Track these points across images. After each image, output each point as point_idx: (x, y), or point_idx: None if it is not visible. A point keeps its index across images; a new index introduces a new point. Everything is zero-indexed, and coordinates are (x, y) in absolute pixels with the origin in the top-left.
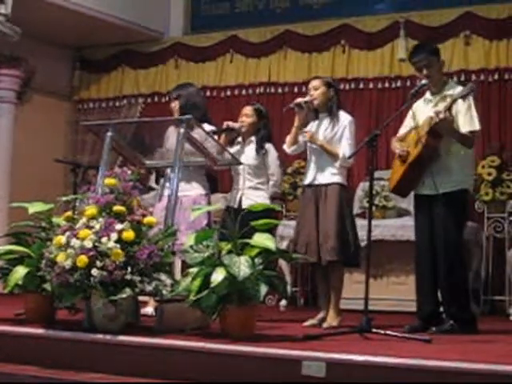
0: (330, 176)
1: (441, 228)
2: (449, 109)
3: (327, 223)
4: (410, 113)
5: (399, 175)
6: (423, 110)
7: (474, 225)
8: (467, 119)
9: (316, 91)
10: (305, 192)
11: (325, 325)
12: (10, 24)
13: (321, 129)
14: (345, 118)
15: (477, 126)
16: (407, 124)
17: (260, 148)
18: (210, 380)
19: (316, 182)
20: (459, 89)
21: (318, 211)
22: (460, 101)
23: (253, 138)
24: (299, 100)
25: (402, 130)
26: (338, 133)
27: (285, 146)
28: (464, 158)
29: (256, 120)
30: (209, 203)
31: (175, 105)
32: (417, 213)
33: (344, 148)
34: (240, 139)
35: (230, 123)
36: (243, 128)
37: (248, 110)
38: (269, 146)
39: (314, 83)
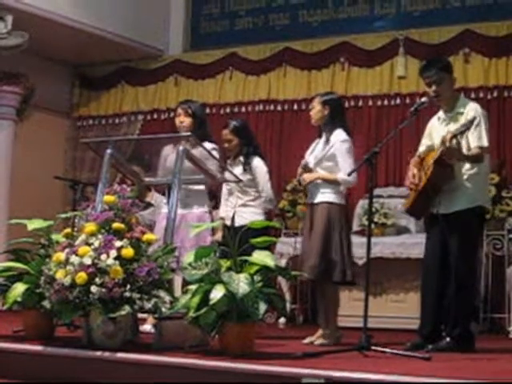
0: (320, 195)
1: (455, 246)
2: (455, 136)
3: (312, 242)
4: (427, 131)
5: (412, 199)
6: (438, 130)
7: None
8: (475, 136)
9: (312, 110)
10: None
11: (317, 342)
12: (15, 32)
13: (315, 148)
14: (337, 138)
15: (484, 143)
16: (424, 143)
17: (246, 164)
18: None
19: (311, 201)
20: (471, 106)
21: (311, 229)
22: (469, 118)
23: (241, 158)
24: (298, 178)
25: (421, 149)
26: (328, 153)
27: None
28: (477, 176)
29: (238, 140)
30: (212, 220)
31: (184, 120)
32: (429, 231)
33: (342, 170)
34: (229, 161)
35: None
36: (230, 152)
37: (227, 134)
38: (257, 162)
39: (313, 102)
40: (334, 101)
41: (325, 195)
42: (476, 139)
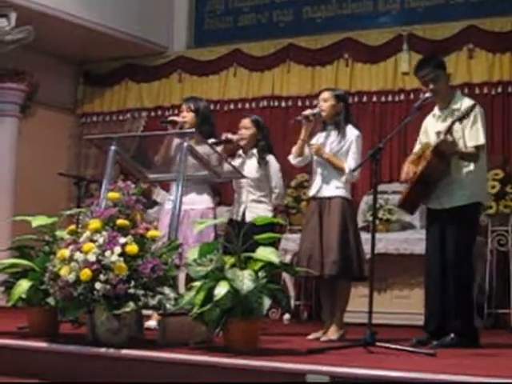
0: (333, 189)
1: (452, 242)
2: (449, 130)
3: (330, 237)
4: (422, 129)
5: (406, 192)
6: (434, 127)
7: (477, 238)
8: (472, 133)
9: (325, 103)
10: (310, 204)
11: (323, 338)
12: (19, 28)
13: (327, 141)
14: (352, 132)
15: (481, 141)
16: (420, 141)
17: (261, 159)
18: None
19: (320, 195)
20: (467, 101)
21: (321, 224)
22: (467, 107)
23: (254, 151)
24: (307, 112)
25: (417, 147)
26: (345, 147)
27: (290, 157)
28: (475, 172)
29: (255, 131)
30: (215, 217)
31: (186, 116)
32: (429, 226)
33: (350, 163)
34: (241, 152)
35: (229, 135)
36: (243, 141)
37: (246, 122)
38: (270, 158)
39: (324, 95)
40: (346, 97)
41: (338, 190)
42: (473, 138)
